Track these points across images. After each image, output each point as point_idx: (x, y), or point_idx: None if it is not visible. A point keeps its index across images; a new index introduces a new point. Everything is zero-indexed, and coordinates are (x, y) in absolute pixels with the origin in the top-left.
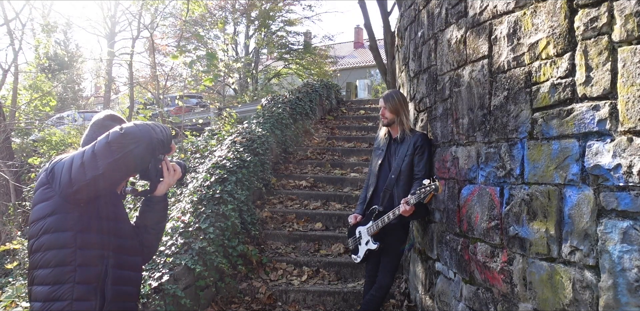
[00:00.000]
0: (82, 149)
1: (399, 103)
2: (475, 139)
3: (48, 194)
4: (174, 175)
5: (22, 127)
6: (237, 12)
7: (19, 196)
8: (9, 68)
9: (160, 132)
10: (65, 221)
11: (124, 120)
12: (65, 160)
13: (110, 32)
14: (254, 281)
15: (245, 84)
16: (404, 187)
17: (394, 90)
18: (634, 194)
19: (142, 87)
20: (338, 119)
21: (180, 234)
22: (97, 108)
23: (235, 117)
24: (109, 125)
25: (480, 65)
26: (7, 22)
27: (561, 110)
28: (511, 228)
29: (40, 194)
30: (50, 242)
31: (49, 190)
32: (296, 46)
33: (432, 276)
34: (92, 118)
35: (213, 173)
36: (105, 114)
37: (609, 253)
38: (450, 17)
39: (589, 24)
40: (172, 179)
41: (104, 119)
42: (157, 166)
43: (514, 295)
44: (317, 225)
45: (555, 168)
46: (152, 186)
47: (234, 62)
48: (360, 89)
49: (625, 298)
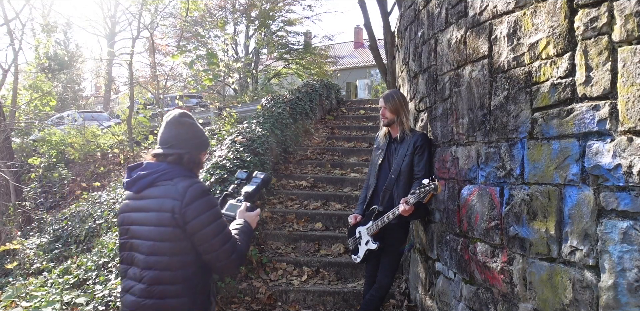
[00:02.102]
0: (219, 226)
1: (399, 103)
2: (475, 139)
3: (177, 236)
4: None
5: (22, 127)
6: (237, 12)
7: (19, 196)
8: (9, 68)
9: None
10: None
11: (193, 117)
12: (210, 229)
13: (110, 32)
14: (254, 281)
15: (245, 84)
16: (403, 187)
17: (394, 90)
18: (634, 194)
19: (142, 87)
20: (338, 119)
21: None
22: (97, 108)
23: (235, 117)
24: (185, 122)
25: (480, 65)
26: (7, 22)
27: (561, 110)
28: (511, 228)
29: (166, 233)
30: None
31: (179, 233)
32: (296, 46)
33: (432, 276)
34: (166, 117)
35: (213, 173)
36: (178, 112)
37: (609, 253)
38: (450, 17)
39: (589, 24)
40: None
41: (179, 116)
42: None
43: (514, 295)
44: (317, 225)
45: (555, 168)
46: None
47: (234, 62)
48: (360, 89)
49: (625, 298)
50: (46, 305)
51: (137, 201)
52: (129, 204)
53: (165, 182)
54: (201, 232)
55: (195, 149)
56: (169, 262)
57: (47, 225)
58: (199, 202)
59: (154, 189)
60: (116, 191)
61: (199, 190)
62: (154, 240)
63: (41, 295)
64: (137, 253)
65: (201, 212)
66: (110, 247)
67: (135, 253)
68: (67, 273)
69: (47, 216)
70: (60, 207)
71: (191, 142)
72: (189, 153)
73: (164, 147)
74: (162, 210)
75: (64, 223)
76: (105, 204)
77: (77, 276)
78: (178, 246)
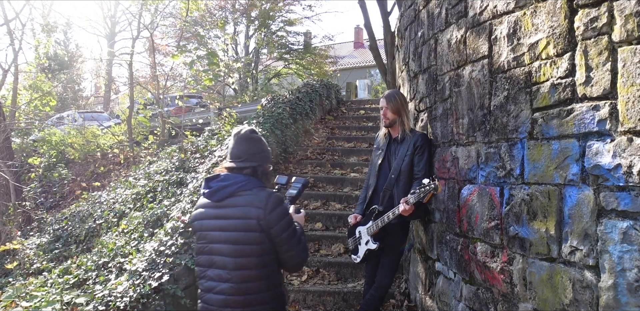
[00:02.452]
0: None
1: (400, 103)
2: (475, 139)
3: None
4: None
5: (22, 127)
6: (237, 12)
7: (19, 196)
8: (9, 68)
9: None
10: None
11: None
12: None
13: (110, 32)
14: None
15: (245, 84)
16: (403, 187)
17: (395, 90)
18: (634, 194)
19: (142, 87)
20: (338, 119)
21: (181, 234)
22: (97, 108)
23: (235, 117)
24: (255, 137)
25: (480, 65)
26: (7, 22)
27: (561, 110)
28: (511, 228)
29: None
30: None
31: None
32: (296, 46)
33: (432, 276)
34: (235, 133)
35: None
36: (247, 128)
37: (609, 253)
38: (450, 17)
39: (589, 24)
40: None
41: (250, 132)
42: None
43: (514, 295)
44: (317, 225)
45: (555, 168)
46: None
47: (234, 62)
48: (360, 89)
49: (625, 298)
50: (46, 305)
51: (217, 210)
52: (206, 212)
53: (245, 192)
54: (282, 236)
55: (264, 161)
56: (256, 262)
57: (47, 225)
58: (278, 210)
59: (235, 198)
60: (116, 191)
61: (278, 199)
62: (242, 244)
63: (41, 295)
64: (221, 256)
65: (281, 218)
66: (110, 247)
67: (217, 256)
68: (67, 273)
69: (47, 216)
70: (60, 207)
71: (260, 155)
72: (261, 166)
73: (237, 161)
74: (248, 217)
75: (64, 223)
76: (105, 204)
77: (77, 276)
78: (263, 248)
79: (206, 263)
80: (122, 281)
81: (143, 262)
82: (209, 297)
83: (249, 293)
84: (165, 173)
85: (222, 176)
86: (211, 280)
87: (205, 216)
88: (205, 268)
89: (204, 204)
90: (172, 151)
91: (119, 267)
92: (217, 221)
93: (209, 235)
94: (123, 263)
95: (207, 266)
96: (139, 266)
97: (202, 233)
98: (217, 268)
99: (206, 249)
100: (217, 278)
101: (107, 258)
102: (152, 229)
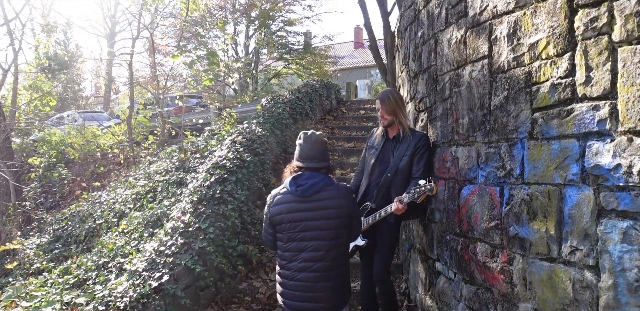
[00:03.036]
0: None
1: (395, 103)
2: (475, 139)
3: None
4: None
5: (22, 127)
6: (237, 12)
7: (19, 196)
8: (9, 68)
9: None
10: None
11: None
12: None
13: (110, 32)
14: (254, 281)
15: (245, 84)
16: (399, 186)
17: (389, 89)
18: (634, 194)
19: (142, 87)
20: (338, 119)
21: (180, 234)
22: (97, 108)
23: (235, 117)
24: (324, 141)
25: (480, 65)
26: (7, 22)
27: (561, 110)
28: (511, 228)
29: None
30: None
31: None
32: (296, 46)
33: (432, 276)
34: (306, 136)
35: (213, 173)
36: (315, 132)
37: (609, 253)
38: (450, 17)
39: (589, 24)
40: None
41: (319, 136)
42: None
43: (514, 295)
44: None
45: (555, 168)
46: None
47: (234, 62)
48: (360, 89)
49: (625, 298)
50: (46, 305)
51: (307, 204)
52: (294, 206)
53: (329, 187)
54: (355, 214)
55: (329, 160)
56: (343, 242)
57: (47, 225)
58: (353, 199)
59: (322, 193)
60: (116, 191)
61: (351, 191)
62: (335, 229)
63: (41, 295)
64: (315, 240)
65: (355, 205)
66: (110, 247)
67: (310, 241)
68: (67, 273)
69: (47, 216)
70: (60, 207)
71: (327, 155)
72: (330, 164)
73: (314, 162)
74: (339, 207)
75: (64, 223)
76: (105, 204)
77: (77, 276)
78: (348, 230)
79: (297, 248)
80: (122, 281)
81: (143, 262)
82: (304, 275)
83: (338, 267)
84: (165, 173)
85: (306, 174)
86: (305, 261)
87: (295, 210)
88: (297, 253)
89: (288, 199)
90: (172, 151)
91: (119, 267)
92: (308, 213)
93: (300, 225)
94: (123, 263)
95: (299, 251)
96: (139, 266)
97: (292, 224)
98: (311, 251)
99: (298, 237)
100: (311, 259)
101: (107, 258)
102: (152, 229)
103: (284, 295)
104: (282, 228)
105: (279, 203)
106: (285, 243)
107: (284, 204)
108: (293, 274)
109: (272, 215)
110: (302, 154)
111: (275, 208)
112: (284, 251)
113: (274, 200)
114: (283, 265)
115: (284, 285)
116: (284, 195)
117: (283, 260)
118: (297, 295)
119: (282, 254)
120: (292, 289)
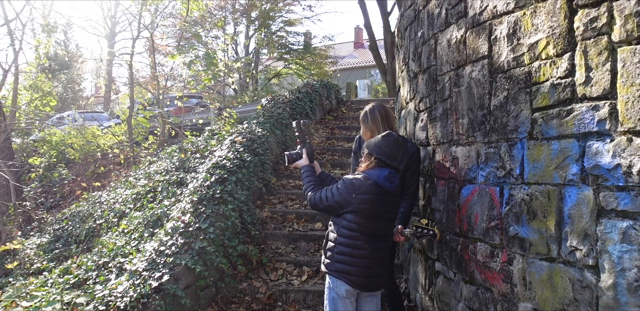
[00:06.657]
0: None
1: (372, 123)
2: (475, 139)
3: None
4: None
5: (23, 127)
6: (237, 12)
7: (19, 196)
8: (10, 68)
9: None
10: None
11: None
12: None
13: (111, 32)
14: (254, 281)
15: (245, 84)
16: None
17: (371, 106)
18: (633, 194)
19: (142, 88)
20: (338, 119)
21: (181, 234)
22: (97, 108)
23: (235, 117)
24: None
25: (480, 65)
26: (8, 23)
27: (561, 110)
28: (511, 228)
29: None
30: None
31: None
32: (296, 46)
33: (432, 276)
34: (390, 135)
35: (213, 173)
36: (394, 133)
37: (608, 253)
38: (450, 17)
39: (589, 24)
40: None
41: (399, 136)
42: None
43: (514, 294)
44: (317, 225)
45: (555, 168)
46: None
47: (234, 62)
48: (360, 89)
49: (625, 298)
50: (46, 305)
51: (387, 197)
52: (380, 199)
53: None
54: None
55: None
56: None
57: (47, 225)
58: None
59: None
60: (116, 191)
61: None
62: (393, 219)
63: (41, 295)
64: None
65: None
66: (111, 247)
67: (379, 228)
68: (67, 273)
69: (47, 216)
70: (60, 207)
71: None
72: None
73: (396, 162)
74: (399, 202)
75: (64, 223)
76: (105, 204)
77: (78, 276)
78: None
79: (368, 232)
80: (122, 281)
81: (143, 262)
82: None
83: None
84: (166, 173)
85: (392, 172)
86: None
87: (378, 202)
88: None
89: (377, 192)
90: (172, 151)
91: (119, 267)
92: (384, 205)
93: (377, 215)
94: (123, 263)
95: (369, 234)
96: (139, 266)
97: (372, 214)
98: (380, 234)
99: (371, 223)
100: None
101: (107, 258)
102: (152, 229)
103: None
104: (361, 212)
105: (370, 192)
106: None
107: (373, 195)
108: (369, 252)
109: (362, 202)
110: (386, 152)
111: (367, 197)
112: (366, 235)
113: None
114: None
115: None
116: (375, 187)
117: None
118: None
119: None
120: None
